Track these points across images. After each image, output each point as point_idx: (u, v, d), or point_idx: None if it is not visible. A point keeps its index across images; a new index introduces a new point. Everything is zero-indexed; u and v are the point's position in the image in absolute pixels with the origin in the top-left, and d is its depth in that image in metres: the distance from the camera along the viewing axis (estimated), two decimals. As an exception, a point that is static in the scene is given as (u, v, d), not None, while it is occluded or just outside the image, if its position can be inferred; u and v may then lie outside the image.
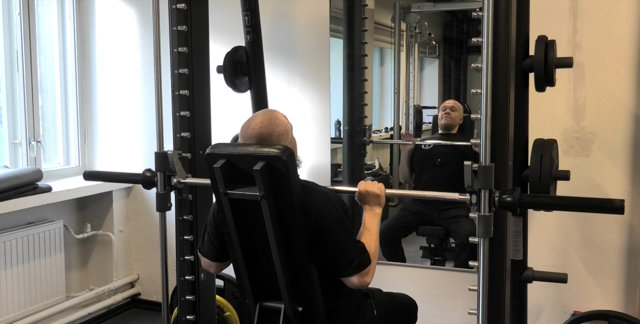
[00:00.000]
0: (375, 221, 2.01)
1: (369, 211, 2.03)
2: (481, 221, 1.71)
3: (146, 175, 2.34)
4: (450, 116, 3.32)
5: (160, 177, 2.31)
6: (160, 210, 2.33)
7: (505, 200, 1.71)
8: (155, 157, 2.30)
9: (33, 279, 3.22)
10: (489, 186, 1.70)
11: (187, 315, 2.45)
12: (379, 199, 2.02)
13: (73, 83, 3.70)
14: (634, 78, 2.66)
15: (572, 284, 2.76)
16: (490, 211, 1.71)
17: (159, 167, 2.31)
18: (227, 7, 3.10)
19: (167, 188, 2.32)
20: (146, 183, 2.35)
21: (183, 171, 2.32)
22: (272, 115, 1.94)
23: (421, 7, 3.44)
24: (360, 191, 2.03)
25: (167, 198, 2.33)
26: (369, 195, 2.02)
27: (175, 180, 2.31)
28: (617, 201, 1.65)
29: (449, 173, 3.33)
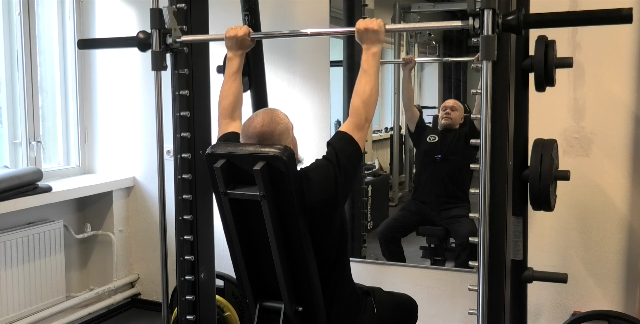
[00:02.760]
0: (373, 61, 1.96)
1: (366, 51, 1.98)
2: (484, 42, 1.65)
3: (140, 37, 2.28)
4: (451, 116, 3.32)
5: (155, 34, 2.24)
6: (155, 69, 2.27)
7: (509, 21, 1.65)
8: (150, 14, 2.23)
9: (33, 279, 3.22)
10: (492, 5, 1.64)
11: (187, 315, 2.45)
12: (378, 35, 1.95)
13: (73, 83, 3.70)
14: (634, 78, 2.66)
15: (572, 284, 2.77)
16: (493, 33, 1.65)
17: (153, 24, 2.23)
18: (227, 7, 3.10)
19: (163, 47, 2.25)
20: (141, 45, 2.28)
21: (178, 30, 2.26)
22: (273, 114, 1.94)
23: (421, 7, 3.44)
24: (358, 28, 1.97)
25: (163, 57, 2.27)
26: (368, 32, 1.96)
27: (171, 39, 2.25)
28: (624, 10, 1.59)
29: (449, 170, 3.33)
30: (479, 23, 1.67)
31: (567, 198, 2.72)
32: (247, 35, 2.14)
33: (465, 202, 3.28)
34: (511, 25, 1.67)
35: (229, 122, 2.16)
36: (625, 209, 2.72)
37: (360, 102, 1.93)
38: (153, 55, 2.26)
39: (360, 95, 1.93)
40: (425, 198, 3.37)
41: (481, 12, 1.66)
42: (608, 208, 2.74)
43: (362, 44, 1.99)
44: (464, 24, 1.74)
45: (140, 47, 2.29)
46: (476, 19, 1.68)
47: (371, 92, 1.94)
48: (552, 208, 1.96)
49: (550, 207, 1.95)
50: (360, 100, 1.93)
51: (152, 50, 2.26)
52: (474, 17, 1.68)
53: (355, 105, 1.94)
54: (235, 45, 2.15)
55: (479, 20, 1.67)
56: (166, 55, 2.29)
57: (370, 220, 3.46)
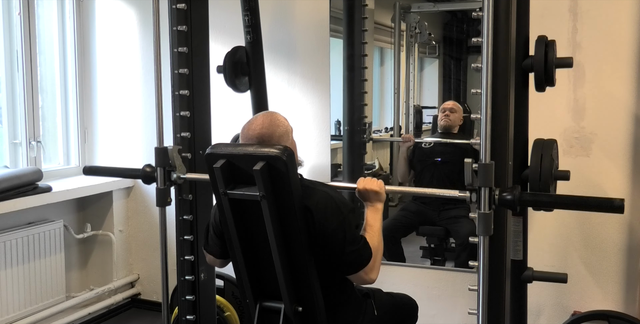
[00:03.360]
0: (377, 216, 2.01)
1: (370, 208, 2.03)
2: (481, 219, 1.71)
3: (146, 170, 2.34)
4: (450, 118, 3.31)
5: (160, 172, 2.30)
6: (160, 205, 2.33)
7: (505, 198, 1.71)
8: (155, 152, 2.30)
9: (33, 279, 3.22)
10: (489, 184, 1.70)
11: (187, 315, 2.45)
12: (379, 196, 2.02)
13: (73, 83, 3.70)
14: (634, 78, 2.66)
15: (572, 284, 2.77)
16: (490, 209, 1.71)
17: (158, 162, 2.30)
18: (227, 7, 3.10)
19: (167, 184, 2.31)
20: (146, 178, 2.34)
21: (183, 167, 2.32)
22: (272, 117, 1.95)
23: (421, 7, 3.44)
24: (359, 189, 2.03)
25: (167, 193, 2.33)
26: (369, 193, 2.02)
27: (175, 176, 2.30)
28: (616, 201, 1.65)
29: (449, 172, 3.32)
30: (475, 197, 1.73)
31: (567, 198, 2.72)
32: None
33: (464, 203, 3.27)
34: (507, 201, 1.72)
35: None
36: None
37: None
38: (158, 191, 2.32)
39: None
40: (425, 198, 3.37)
41: (478, 189, 1.71)
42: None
43: (364, 201, 2.05)
44: (462, 195, 1.79)
45: (145, 180, 2.36)
46: (473, 193, 1.74)
47: (379, 244, 1.98)
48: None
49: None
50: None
51: (157, 187, 2.32)
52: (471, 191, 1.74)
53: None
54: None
55: (476, 195, 1.73)
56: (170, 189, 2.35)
57: (370, 220, 3.46)
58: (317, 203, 1.86)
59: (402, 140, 3.47)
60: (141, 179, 2.36)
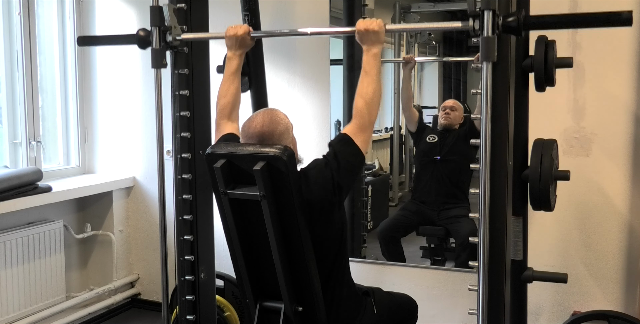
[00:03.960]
0: (374, 62, 1.96)
1: (367, 52, 1.97)
2: (484, 43, 1.65)
3: (140, 35, 2.28)
4: (450, 116, 3.32)
5: (155, 32, 2.23)
6: (155, 67, 2.26)
7: (509, 22, 1.66)
8: (150, 11, 2.23)
9: (33, 279, 3.22)
10: (493, 7, 1.64)
11: (187, 315, 2.45)
12: (378, 35, 1.95)
13: (73, 83, 3.70)
14: (634, 78, 2.66)
15: (572, 284, 2.77)
16: (493, 34, 1.65)
17: (153, 22, 2.22)
18: (227, 7, 3.10)
19: (162, 45, 2.25)
20: (141, 42, 2.27)
21: (178, 28, 2.25)
22: (273, 114, 1.95)
23: (421, 7, 3.44)
24: (359, 29, 1.96)
25: (163, 54, 2.26)
26: (369, 33, 1.95)
27: (171, 37, 2.24)
28: (624, 13, 1.59)
29: (449, 170, 3.33)
30: (479, 24, 1.67)
31: (567, 198, 2.73)
32: (247, 34, 2.13)
33: (465, 202, 3.28)
34: (511, 26, 1.67)
35: (226, 122, 2.16)
36: (625, 209, 2.72)
37: (363, 103, 1.93)
38: (153, 52, 2.25)
39: (363, 96, 1.94)
40: (425, 198, 3.37)
41: (481, 13, 1.66)
42: (608, 208, 2.74)
43: (362, 44, 1.99)
44: (464, 25, 1.74)
45: (140, 44, 2.28)
46: (476, 20, 1.68)
47: (374, 93, 1.94)
48: (552, 208, 1.96)
49: (550, 207, 1.95)
50: (363, 102, 1.93)
51: (152, 48, 2.25)
52: (474, 18, 1.68)
53: (359, 106, 1.94)
54: (235, 44, 2.15)
55: (479, 21, 1.67)
56: (166, 53, 2.29)
57: (370, 220, 3.46)
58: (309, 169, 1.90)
59: (404, 60, 3.42)
60: (137, 44, 2.29)
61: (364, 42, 1.97)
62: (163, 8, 2.22)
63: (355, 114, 1.95)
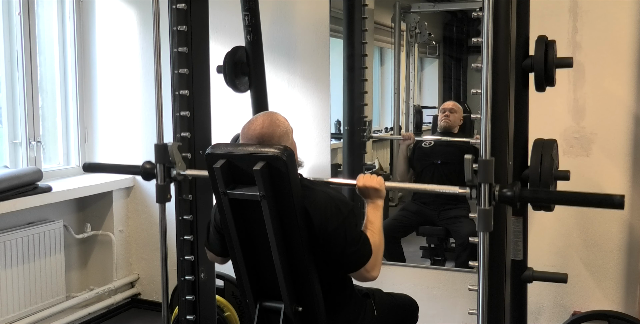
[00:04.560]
0: (377, 213, 2.02)
1: (370, 205, 2.04)
2: (481, 215, 1.70)
3: (146, 167, 2.35)
4: (449, 118, 3.31)
5: (160, 169, 2.30)
6: (160, 202, 2.32)
7: (505, 194, 1.70)
8: (155, 149, 2.30)
9: (33, 279, 3.22)
10: (489, 180, 1.69)
11: (187, 315, 2.45)
12: (379, 192, 2.02)
13: (73, 83, 3.70)
14: (634, 78, 2.66)
15: (572, 284, 2.77)
16: (490, 206, 1.70)
17: (158, 159, 2.30)
18: (227, 7, 3.10)
19: (167, 180, 2.31)
20: (146, 174, 2.34)
21: (182, 163, 2.31)
22: (272, 117, 1.95)
23: (421, 7, 3.44)
24: (359, 186, 2.03)
25: (167, 189, 2.32)
26: (369, 189, 2.02)
27: (175, 172, 2.30)
28: (617, 197, 1.64)
29: (449, 172, 3.32)
30: (476, 193, 1.72)
31: (567, 198, 2.72)
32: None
33: (465, 203, 3.28)
34: (507, 197, 1.71)
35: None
36: (625, 209, 2.71)
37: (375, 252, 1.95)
38: (157, 188, 2.32)
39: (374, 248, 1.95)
40: (425, 198, 3.37)
41: (478, 185, 1.70)
42: (608, 208, 2.74)
43: (364, 198, 2.05)
44: (462, 192, 1.78)
45: (145, 176, 2.36)
46: (473, 189, 1.72)
47: (380, 241, 1.98)
48: (552, 208, 1.96)
49: (551, 207, 1.95)
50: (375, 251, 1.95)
51: (157, 184, 2.32)
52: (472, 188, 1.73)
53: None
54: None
55: (477, 191, 1.71)
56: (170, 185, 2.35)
57: (370, 220, 3.46)
58: (316, 204, 1.86)
59: (402, 138, 3.47)
60: (141, 175, 2.36)
61: (366, 197, 2.05)
62: (167, 146, 2.27)
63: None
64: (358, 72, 3.32)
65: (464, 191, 1.77)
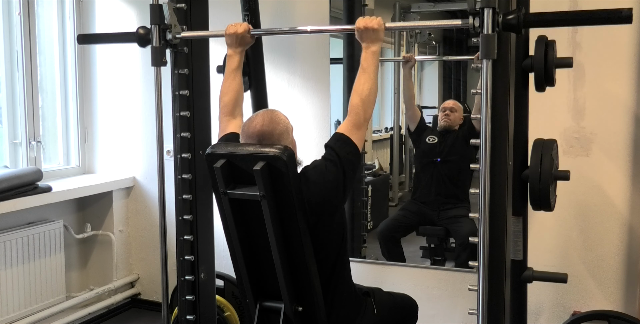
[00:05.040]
0: (372, 60, 1.97)
1: (366, 50, 1.98)
2: (484, 41, 1.66)
3: (140, 33, 2.28)
4: (450, 117, 3.31)
5: (155, 30, 2.24)
6: (155, 65, 2.27)
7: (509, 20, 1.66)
8: (150, 9, 2.23)
9: (33, 279, 3.22)
10: (492, 5, 1.65)
11: (187, 315, 2.45)
12: (378, 33, 1.96)
13: (73, 83, 3.70)
14: (634, 78, 2.66)
15: (572, 284, 2.77)
16: (493, 31, 1.66)
17: (153, 20, 2.23)
18: (227, 7, 3.10)
19: (162, 43, 2.25)
20: (141, 39, 2.28)
21: (178, 26, 2.26)
22: (273, 114, 1.95)
23: (421, 7, 3.44)
24: (358, 27, 1.97)
25: (163, 52, 2.27)
26: (368, 31, 1.96)
27: (171, 35, 2.25)
28: (624, 11, 1.60)
29: (449, 171, 3.33)
30: (479, 22, 1.67)
31: (567, 198, 2.72)
32: (247, 32, 2.14)
33: (465, 202, 3.28)
34: (511, 24, 1.67)
35: (230, 119, 2.15)
36: (625, 209, 2.72)
37: (359, 100, 1.93)
38: (153, 50, 2.26)
39: (359, 93, 1.94)
40: (425, 198, 3.37)
41: (481, 11, 1.66)
42: (608, 208, 2.74)
43: (361, 42, 1.99)
44: (464, 23, 1.74)
45: (140, 42, 2.29)
46: (476, 17, 1.68)
47: (370, 90, 1.94)
48: (552, 208, 1.96)
49: (550, 207, 1.95)
50: (359, 99, 1.93)
51: (152, 45, 2.26)
52: (474, 16, 1.68)
53: (354, 103, 1.94)
54: (235, 42, 2.15)
55: (479, 19, 1.67)
56: (166, 51, 2.29)
57: (370, 220, 3.46)
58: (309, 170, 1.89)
59: (403, 59, 3.41)
60: (137, 42, 2.29)
61: (364, 40, 1.98)
62: (163, 6, 2.22)
63: (350, 111, 1.95)
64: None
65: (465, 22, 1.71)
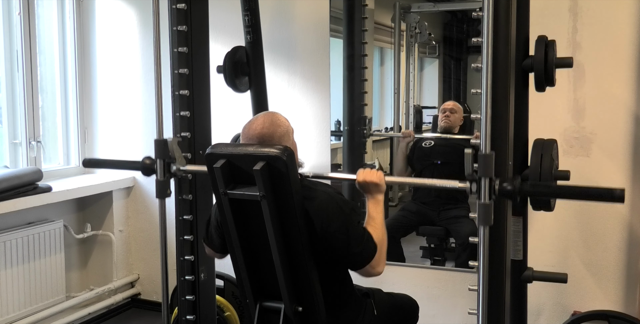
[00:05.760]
0: (378, 208, 2.01)
1: (371, 200, 2.03)
2: (481, 209, 1.69)
3: (145, 162, 2.33)
4: (450, 118, 3.31)
5: (160, 164, 2.29)
6: (160, 197, 2.31)
7: (505, 188, 1.69)
8: (155, 144, 2.28)
9: (33, 279, 3.22)
10: (489, 174, 1.68)
11: (187, 315, 2.45)
12: (379, 187, 2.02)
13: (73, 83, 3.70)
14: (634, 78, 2.66)
15: (572, 284, 2.77)
16: (490, 200, 1.69)
17: (158, 154, 2.29)
18: (227, 7, 3.10)
19: (167, 176, 2.30)
20: (145, 170, 2.33)
21: (182, 159, 2.30)
22: (273, 117, 1.95)
23: (421, 7, 3.44)
24: (359, 181, 2.02)
25: (167, 185, 2.31)
26: (369, 184, 2.01)
27: (175, 167, 2.29)
28: (617, 191, 1.63)
29: (449, 173, 3.32)
30: (476, 187, 1.71)
31: (567, 198, 2.73)
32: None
33: (464, 203, 3.28)
34: (507, 191, 1.70)
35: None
36: (625, 209, 2.72)
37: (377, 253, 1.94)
38: (157, 183, 2.30)
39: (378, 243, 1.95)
40: (425, 198, 3.37)
41: (478, 179, 1.69)
42: (608, 208, 2.74)
43: (364, 193, 2.05)
44: (462, 186, 1.77)
45: (145, 172, 2.34)
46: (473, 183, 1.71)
47: (383, 236, 1.97)
48: (552, 208, 1.96)
49: (550, 207, 1.95)
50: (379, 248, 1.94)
51: (157, 179, 2.30)
52: (471, 182, 1.71)
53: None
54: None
55: (477, 186, 1.70)
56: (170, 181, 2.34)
57: (370, 220, 3.46)
58: (317, 205, 1.86)
59: (402, 135, 3.46)
60: (141, 171, 2.35)
61: (366, 191, 2.04)
62: (167, 141, 2.26)
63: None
64: (358, 72, 3.32)
65: (463, 185, 1.76)
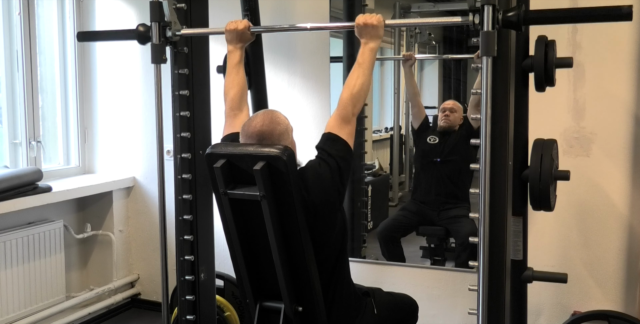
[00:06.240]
0: (369, 56, 1.97)
1: (364, 46, 1.98)
2: (484, 38, 1.66)
3: (140, 30, 2.29)
4: (449, 118, 3.31)
5: (155, 27, 2.25)
6: (155, 62, 2.28)
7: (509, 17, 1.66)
8: (150, 7, 2.24)
9: (33, 279, 3.22)
10: (492, 1, 1.65)
11: (187, 315, 2.45)
12: (377, 30, 1.96)
13: (73, 83, 3.70)
14: (634, 78, 2.66)
15: (572, 284, 2.77)
16: (493, 28, 1.66)
17: (153, 17, 2.24)
18: (227, 7, 3.10)
19: (162, 40, 2.26)
20: (141, 37, 2.28)
21: (178, 23, 2.27)
22: (273, 115, 1.95)
23: (421, 7, 3.44)
24: (358, 23, 1.98)
25: (163, 50, 2.28)
26: (367, 27, 1.96)
27: (170, 32, 2.25)
28: (625, 8, 1.59)
29: (450, 171, 3.33)
30: (479, 19, 1.67)
31: (567, 198, 2.73)
32: (247, 29, 2.14)
33: (465, 202, 3.28)
34: (511, 21, 1.67)
35: (237, 113, 2.16)
36: (625, 209, 2.72)
37: (349, 94, 1.93)
38: (153, 48, 2.26)
39: (350, 88, 1.94)
40: (425, 198, 3.37)
41: (481, 8, 1.66)
42: (608, 208, 2.74)
43: (360, 38, 1.99)
44: (464, 20, 1.74)
45: (140, 39, 2.29)
46: (476, 15, 1.68)
47: (361, 86, 1.94)
48: (552, 208, 1.96)
49: (550, 207, 1.95)
50: (349, 93, 1.93)
51: (152, 43, 2.26)
52: (474, 13, 1.68)
53: (344, 97, 1.94)
54: (235, 39, 2.16)
55: (479, 16, 1.67)
56: (166, 48, 2.30)
57: (370, 220, 3.47)
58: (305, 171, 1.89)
59: (403, 58, 3.41)
60: (136, 39, 2.30)
61: (363, 36, 1.98)
62: (163, 4, 2.22)
63: (339, 105, 1.95)
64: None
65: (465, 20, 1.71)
